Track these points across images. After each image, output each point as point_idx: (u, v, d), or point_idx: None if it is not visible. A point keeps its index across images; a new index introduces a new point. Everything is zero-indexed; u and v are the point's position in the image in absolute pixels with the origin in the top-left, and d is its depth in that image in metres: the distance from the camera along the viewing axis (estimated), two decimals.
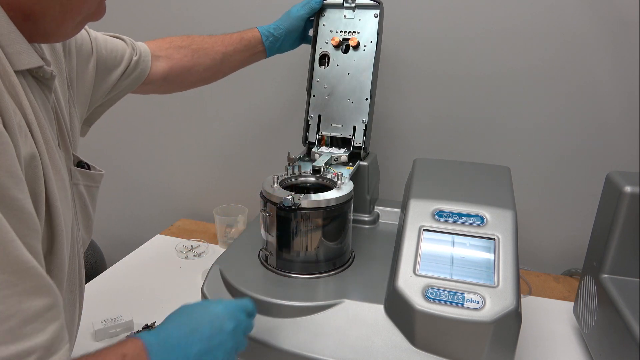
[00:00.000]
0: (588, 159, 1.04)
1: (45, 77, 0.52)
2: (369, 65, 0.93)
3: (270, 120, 1.24)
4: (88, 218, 0.64)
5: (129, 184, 1.44)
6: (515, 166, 0.92)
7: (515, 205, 0.74)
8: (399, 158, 1.15)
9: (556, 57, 0.99)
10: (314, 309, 0.70)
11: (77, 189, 0.61)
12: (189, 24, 1.22)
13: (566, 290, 1.03)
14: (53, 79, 0.54)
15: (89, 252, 1.25)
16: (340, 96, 0.95)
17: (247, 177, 1.31)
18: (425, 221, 0.73)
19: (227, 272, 0.77)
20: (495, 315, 0.61)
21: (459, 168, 0.89)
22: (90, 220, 0.65)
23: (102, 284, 1.04)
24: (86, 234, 0.65)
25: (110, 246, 1.43)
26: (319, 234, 0.76)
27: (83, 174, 0.62)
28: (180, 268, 1.11)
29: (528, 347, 0.84)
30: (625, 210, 0.72)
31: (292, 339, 0.68)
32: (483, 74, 1.05)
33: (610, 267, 0.75)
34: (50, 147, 0.50)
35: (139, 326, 0.84)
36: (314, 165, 0.85)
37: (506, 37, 1.01)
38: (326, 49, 0.96)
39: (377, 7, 0.92)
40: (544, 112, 1.04)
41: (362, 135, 0.93)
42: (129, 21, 1.28)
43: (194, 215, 1.39)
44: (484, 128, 1.08)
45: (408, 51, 1.08)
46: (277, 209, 0.74)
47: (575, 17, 0.96)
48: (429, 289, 0.65)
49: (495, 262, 0.67)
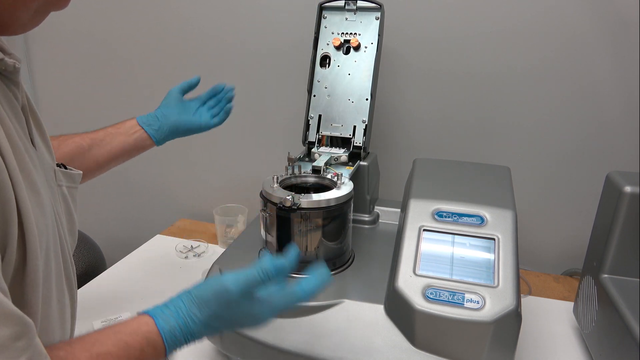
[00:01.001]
0: (588, 159, 1.04)
1: (7, 70, 0.47)
2: (369, 66, 0.93)
3: (270, 120, 1.24)
4: (72, 221, 0.61)
5: (129, 184, 1.44)
6: (515, 166, 0.92)
7: (515, 205, 0.74)
8: (399, 158, 1.15)
9: (556, 57, 0.99)
10: (314, 309, 0.70)
11: (61, 190, 0.58)
12: (189, 22, 1.23)
13: (566, 290, 1.03)
14: (17, 72, 0.49)
15: (89, 252, 1.25)
16: (341, 96, 0.95)
17: (247, 177, 1.31)
18: (425, 221, 0.73)
19: None
20: (495, 315, 0.61)
21: (459, 168, 0.89)
22: (74, 224, 0.61)
23: (102, 284, 1.04)
24: (71, 238, 0.60)
25: (110, 246, 1.43)
26: (318, 234, 0.76)
27: (65, 175, 0.59)
28: (180, 268, 1.11)
29: (528, 347, 0.84)
30: (625, 210, 0.72)
31: (292, 339, 0.68)
32: (483, 74, 1.05)
33: (610, 267, 0.75)
34: (18, 148, 0.45)
35: None
36: (314, 165, 0.85)
37: (506, 37, 1.01)
38: (327, 50, 0.96)
39: (378, 10, 0.92)
40: (544, 112, 1.04)
41: (362, 135, 0.93)
42: (129, 20, 1.28)
43: (194, 215, 1.39)
44: (484, 128, 1.08)
45: (408, 51, 1.08)
46: (277, 209, 0.74)
47: (575, 17, 0.96)
48: (429, 289, 0.65)
49: (495, 262, 0.67)
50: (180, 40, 1.25)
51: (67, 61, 1.38)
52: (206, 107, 0.92)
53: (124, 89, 1.34)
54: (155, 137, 0.86)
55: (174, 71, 1.28)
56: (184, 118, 0.88)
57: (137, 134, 0.85)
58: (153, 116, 0.87)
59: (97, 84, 1.37)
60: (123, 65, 1.32)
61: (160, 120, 0.86)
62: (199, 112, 0.90)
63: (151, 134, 0.86)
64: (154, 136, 0.86)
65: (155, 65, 1.29)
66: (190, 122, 0.89)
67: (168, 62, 1.28)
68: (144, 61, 1.30)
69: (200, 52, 1.24)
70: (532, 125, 1.05)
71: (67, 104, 1.42)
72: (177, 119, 0.87)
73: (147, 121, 0.86)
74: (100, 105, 1.37)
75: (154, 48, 1.28)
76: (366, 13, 0.94)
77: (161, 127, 0.86)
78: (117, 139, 0.84)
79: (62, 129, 1.45)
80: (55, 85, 1.42)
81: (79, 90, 1.39)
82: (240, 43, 1.19)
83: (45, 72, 1.41)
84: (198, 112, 0.90)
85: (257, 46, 1.18)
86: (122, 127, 0.85)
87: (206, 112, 0.91)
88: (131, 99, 1.33)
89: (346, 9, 0.94)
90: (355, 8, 0.94)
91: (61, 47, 1.36)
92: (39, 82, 1.43)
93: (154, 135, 0.86)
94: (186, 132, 0.90)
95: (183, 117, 0.88)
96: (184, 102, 0.90)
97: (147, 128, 0.85)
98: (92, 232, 1.35)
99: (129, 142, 0.85)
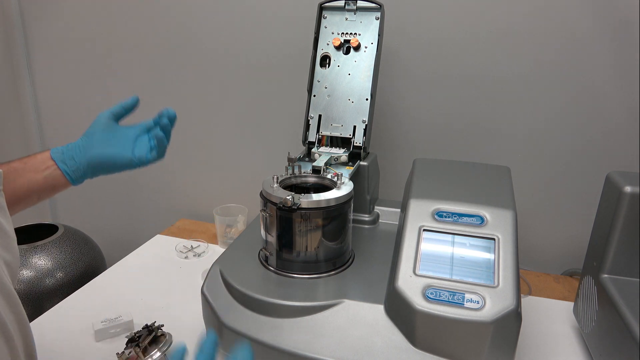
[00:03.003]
0: (588, 159, 1.04)
1: None
2: (369, 66, 0.93)
3: (270, 120, 1.24)
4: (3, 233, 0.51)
5: (129, 184, 1.44)
6: (515, 166, 0.92)
7: (515, 205, 0.74)
8: (399, 158, 1.15)
9: (556, 58, 0.99)
10: (314, 309, 0.70)
11: None
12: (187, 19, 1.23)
13: (566, 290, 1.03)
14: None
15: (89, 252, 1.25)
16: (341, 96, 0.95)
17: (247, 177, 1.31)
18: (425, 221, 0.73)
19: (227, 272, 0.77)
20: (495, 315, 0.61)
21: (459, 168, 0.89)
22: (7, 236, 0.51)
23: (102, 284, 1.04)
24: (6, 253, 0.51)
25: (110, 246, 1.43)
26: (319, 234, 0.76)
27: None
28: (180, 268, 1.11)
29: (528, 347, 0.84)
30: (625, 210, 0.72)
31: (292, 339, 0.68)
32: (483, 74, 1.05)
33: (610, 267, 0.75)
34: None
35: (139, 326, 0.84)
36: (314, 165, 0.85)
37: (506, 37, 1.01)
38: (327, 50, 0.96)
39: (379, 10, 0.92)
40: (544, 112, 1.04)
41: (362, 135, 0.93)
42: (129, 22, 1.28)
43: (194, 215, 1.39)
44: (484, 128, 1.08)
45: (408, 51, 1.08)
46: (277, 209, 0.74)
47: (576, 17, 0.96)
48: (429, 289, 0.65)
49: (495, 262, 0.67)
50: (180, 40, 1.25)
51: (67, 61, 1.38)
52: (148, 137, 0.74)
53: (125, 90, 1.34)
54: (70, 175, 0.69)
55: (174, 72, 1.28)
56: (109, 151, 0.70)
57: (48, 171, 0.68)
58: (71, 148, 0.70)
59: (97, 84, 1.37)
60: (123, 67, 1.32)
61: (80, 154, 0.70)
62: (139, 143, 0.73)
63: (65, 171, 0.69)
64: (69, 174, 0.69)
65: (156, 66, 1.29)
66: (117, 156, 0.70)
67: (168, 62, 1.28)
68: (145, 62, 1.30)
69: (200, 52, 1.24)
70: (532, 125, 1.05)
71: (67, 104, 1.42)
72: (99, 153, 0.70)
73: (63, 155, 0.69)
74: (100, 106, 1.37)
75: (154, 48, 1.28)
76: (366, 13, 0.94)
77: (79, 162, 0.69)
78: (24, 177, 0.67)
79: (62, 129, 1.45)
80: (55, 85, 1.42)
81: (79, 90, 1.39)
82: (240, 43, 1.19)
83: (45, 72, 1.41)
84: (138, 142, 0.73)
85: (257, 46, 1.18)
86: (30, 162, 0.68)
87: (146, 143, 0.73)
88: None
89: (346, 9, 0.94)
90: (355, 8, 0.94)
91: (61, 48, 1.36)
92: (39, 82, 1.43)
93: (68, 172, 0.69)
94: (112, 169, 0.72)
95: (108, 150, 0.70)
96: (115, 130, 0.72)
97: (62, 165, 0.69)
98: (92, 232, 1.35)
99: (37, 181, 0.68)
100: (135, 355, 0.77)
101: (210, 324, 0.76)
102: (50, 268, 1.15)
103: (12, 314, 0.50)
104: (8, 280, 0.50)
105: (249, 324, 0.71)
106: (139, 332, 0.80)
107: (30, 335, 0.55)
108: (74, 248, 1.22)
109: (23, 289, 1.11)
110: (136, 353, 0.76)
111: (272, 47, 1.17)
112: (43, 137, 1.49)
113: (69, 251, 1.21)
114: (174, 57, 1.27)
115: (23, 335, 0.52)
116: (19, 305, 0.52)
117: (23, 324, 0.52)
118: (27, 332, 0.54)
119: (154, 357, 0.77)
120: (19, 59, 1.39)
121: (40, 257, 1.16)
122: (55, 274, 1.15)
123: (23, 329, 0.52)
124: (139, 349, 0.77)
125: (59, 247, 1.20)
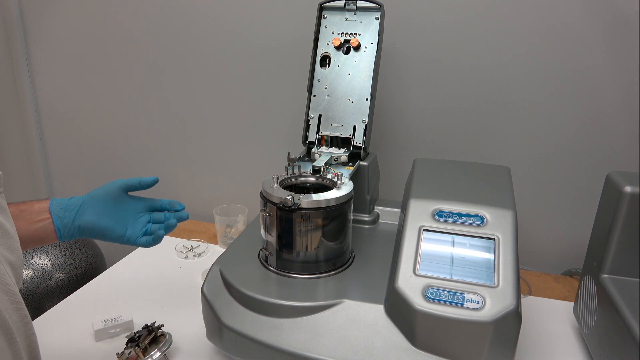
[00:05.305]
0: (588, 159, 1.04)
1: None
2: (369, 66, 0.93)
3: (270, 120, 1.24)
4: (6, 234, 0.50)
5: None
6: (515, 166, 0.92)
7: (515, 205, 0.74)
8: (399, 158, 1.15)
9: (557, 57, 0.99)
10: (314, 309, 0.70)
11: None
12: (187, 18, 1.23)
13: (566, 290, 1.03)
14: None
15: (89, 252, 1.25)
16: (341, 96, 0.95)
17: (247, 177, 1.31)
18: (425, 221, 0.73)
19: (227, 272, 0.77)
20: (495, 315, 0.61)
21: (459, 168, 0.89)
22: (10, 237, 0.50)
23: (102, 284, 1.04)
24: (10, 254, 0.50)
25: (110, 246, 1.42)
26: (319, 234, 0.76)
27: None
28: (180, 268, 1.11)
29: (528, 347, 0.84)
30: (625, 210, 0.72)
31: (292, 339, 0.68)
32: (483, 74, 1.05)
33: (610, 267, 0.75)
34: None
35: (139, 326, 0.84)
36: (314, 165, 0.85)
37: (506, 37, 1.01)
38: (327, 50, 0.96)
39: (379, 10, 0.92)
40: (544, 112, 1.04)
41: (362, 135, 0.93)
42: (129, 20, 1.28)
43: (194, 215, 1.39)
44: (484, 128, 1.08)
45: (408, 51, 1.08)
46: (277, 209, 0.74)
47: (576, 16, 0.96)
48: (429, 289, 0.65)
49: (495, 262, 0.67)
50: (180, 40, 1.25)
51: (67, 61, 1.38)
52: (147, 218, 0.74)
53: (125, 89, 1.34)
54: (60, 232, 0.67)
55: (174, 71, 1.28)
56: (103, 223, 0.69)
57: (41, 223, 0.66)
58: (72, 204, 0.68)
59: (98, 84, 1.37)
60: (123, 66, 1.32)
61: (76, 215, 0.68)
62: (136, 223, 0.72)
63: (58, 227, 0.66)
64: (60, 231, 0.67)
65: (156, 65, 1.29)
66: (110, 230, 0.70)
67: (168, 62, 1.28)
68: (145, 62, 1.30)
69: (200, 52, 1.24)
70: (532, 125, 1.05)
71: (67, 104, 1.42)
72: (93, 221, 0.69)
73: (61, 211, 0.67)
74: (101, 106, 1.37)
75: (155, 48, 1.28)
76: (366, 13, 0.94)
77: (72, 222, 0.67)
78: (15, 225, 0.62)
79: (62, 129, 1.45)
80: (55, 85, 1.42)
81: (79, 90, 1.39)
82: (240, 43, 1.19)
83: (45, 72, 1.41)
84: (136, 221, 0.72)
85: (257, 46, 1.18)
86: (26, 210, 0.65)
87: (142, 226, 0.73)
88: (132, 99, 1.33)
89: (346, 9, 0.94)
90: (355, 8, 0.94)
91: (61, 47, 1.36)
92: (39, 82, 1.43)
93: (60, 229, 0.67)
94: (102, 239, 0.71)
95: (102, 222, 0.69)
96: (120, 201, 0.72)
97: (57, 220, 0.66)
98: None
99: (26, 232, 0.64)
100: (135, 355, 0.77)
101: (210, 324, 0.76)
102: (50, 268, 1.16)
103: (17, 315, 0.50)
104: (12, 282, 0.49)
105: (248, 324, 0.71)
106: (139, 332, 0.80)
107: (34, 336, 0.55)
108: (74, 248, 1.22)
109: (23, 289, 1.11)
110: (136, 353, 0.76)
111: (272, 47, 1.17)
112: (43, 137, 1.49)
113: (69, 251, 1.21)
114: (174, 57, 1.27)
115: (27, 337, 0.52)
116: (23, 306, 0.51)
117: (27, 325, 0.52)
118: (31, 333, 0.54)
119: (154, 357, 0.77)
120: (19, 59, 1.39)
121: (40, 257, 1.16)
122: (55, 274, 1.16)
123: (27, 330, 0.52)
124: (139, 349, 0.77)
125: (58, 247, 1.20)
